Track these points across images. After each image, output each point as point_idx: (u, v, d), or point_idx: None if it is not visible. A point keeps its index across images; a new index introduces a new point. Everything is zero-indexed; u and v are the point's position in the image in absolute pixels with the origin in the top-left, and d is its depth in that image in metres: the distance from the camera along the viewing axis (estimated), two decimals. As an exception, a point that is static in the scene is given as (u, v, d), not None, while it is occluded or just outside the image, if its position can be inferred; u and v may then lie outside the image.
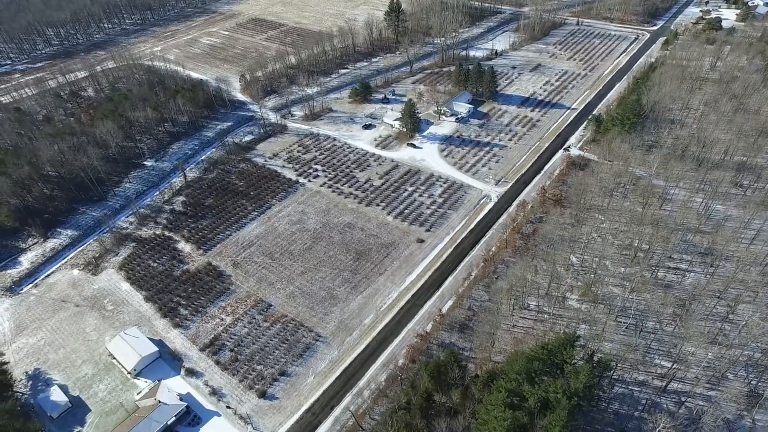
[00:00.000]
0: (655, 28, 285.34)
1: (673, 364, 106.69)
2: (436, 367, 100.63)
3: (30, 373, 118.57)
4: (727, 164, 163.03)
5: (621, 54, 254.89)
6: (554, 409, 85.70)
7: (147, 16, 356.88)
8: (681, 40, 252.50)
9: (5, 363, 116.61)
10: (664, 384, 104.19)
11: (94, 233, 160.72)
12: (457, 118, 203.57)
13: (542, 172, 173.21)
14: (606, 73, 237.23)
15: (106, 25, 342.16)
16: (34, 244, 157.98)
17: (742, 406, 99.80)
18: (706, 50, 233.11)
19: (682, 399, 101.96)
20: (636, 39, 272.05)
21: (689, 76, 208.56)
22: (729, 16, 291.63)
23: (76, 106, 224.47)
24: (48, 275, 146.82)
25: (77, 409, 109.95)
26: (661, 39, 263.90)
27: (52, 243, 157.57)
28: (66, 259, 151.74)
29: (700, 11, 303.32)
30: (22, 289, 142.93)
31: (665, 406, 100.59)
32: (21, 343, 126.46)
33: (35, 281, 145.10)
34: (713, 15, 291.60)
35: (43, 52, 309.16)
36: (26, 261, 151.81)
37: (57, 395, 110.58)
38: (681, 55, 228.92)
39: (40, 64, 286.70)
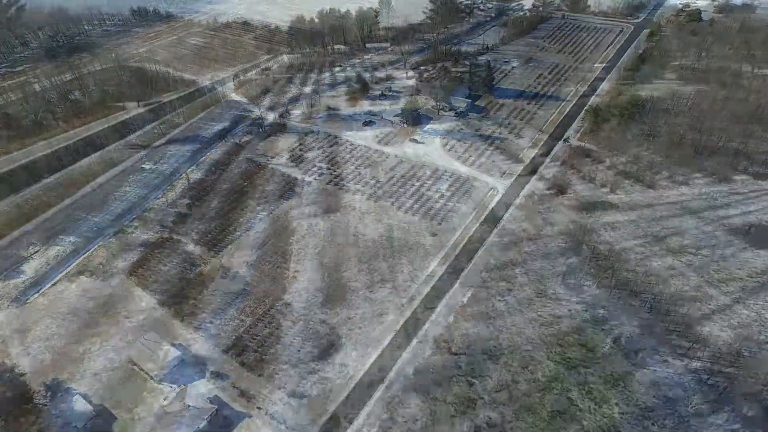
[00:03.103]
0: (638, 20, 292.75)
1: (691, 345, 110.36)
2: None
3: (48, 383, 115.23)
4: (723, 150, 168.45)
5: (608, 46, 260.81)
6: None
7: (128, 17, 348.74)
8: (665, 32, 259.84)
9: (22, 375, 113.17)
10: (684, 363, 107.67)
11: (98, 239, 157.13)
12: (456, 113, 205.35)
13: (545, 162, 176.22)
14: (596, 64, 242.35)
15: (85, 27, 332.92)
16: (36, 252, 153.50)
17: (762, 381, 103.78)
18: (690, 41, 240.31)
19: (704, 377, 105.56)
20: (621, 31, 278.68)
21: (678, 66, 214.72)
22: (707, 8, 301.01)
23: (66, 109, 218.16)
24: (54, 283, 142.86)
25: (102, 418, 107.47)
26: (646, 31, 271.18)
27: (55, 250, 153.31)
28: (72, 266, 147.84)
29: (680, 3, 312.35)
30: (28, 299, 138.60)
31: (688, 385, 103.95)
32: (34, 353, 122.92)
33: (42, 290, 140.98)
34: (692, 7, 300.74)
35: (22, 55, 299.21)
36: (29, 270, 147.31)
37: (80, 405, 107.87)
38: (668, 46, 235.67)
39: (20, 68, 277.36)
